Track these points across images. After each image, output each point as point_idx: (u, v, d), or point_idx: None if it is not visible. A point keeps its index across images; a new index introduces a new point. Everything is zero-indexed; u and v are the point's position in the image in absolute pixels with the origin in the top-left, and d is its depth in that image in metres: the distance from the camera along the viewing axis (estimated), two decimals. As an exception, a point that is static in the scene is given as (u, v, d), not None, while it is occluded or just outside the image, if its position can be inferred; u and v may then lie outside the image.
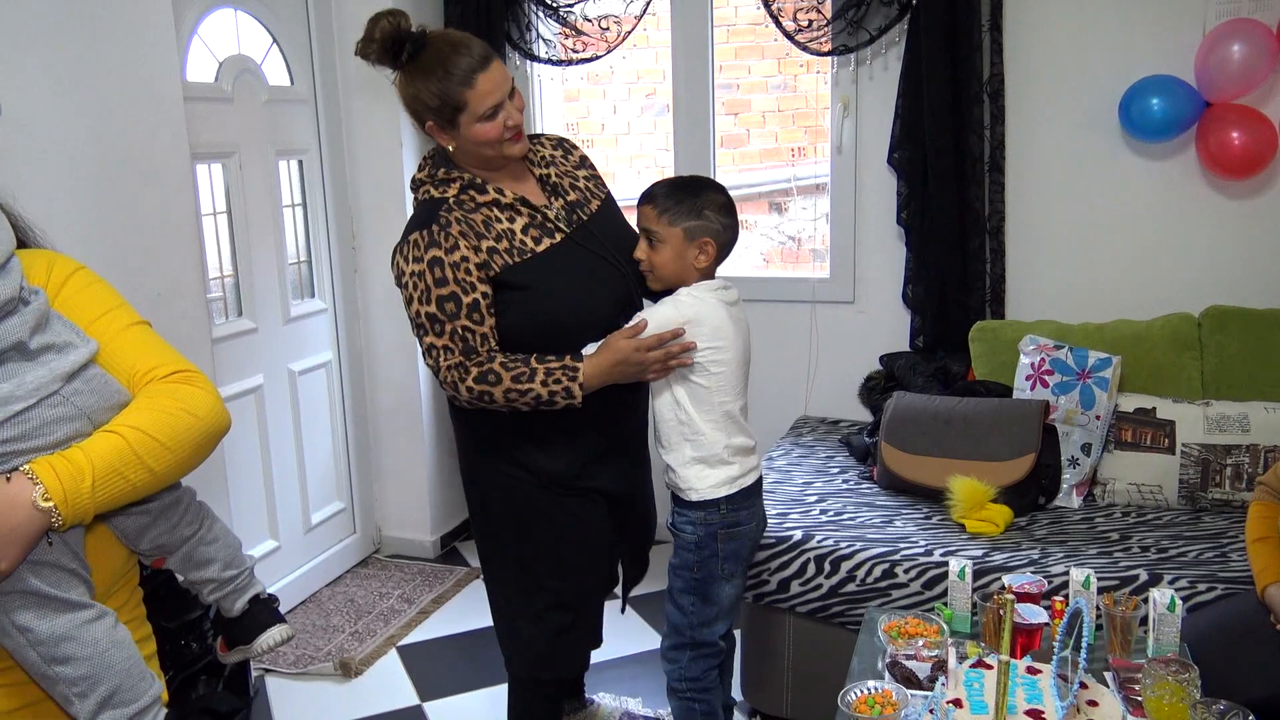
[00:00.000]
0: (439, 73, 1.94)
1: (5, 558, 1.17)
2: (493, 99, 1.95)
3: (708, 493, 2.09)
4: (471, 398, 1.98)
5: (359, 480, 3.82)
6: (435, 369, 2.00)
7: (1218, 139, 2.91)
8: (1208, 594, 2.27)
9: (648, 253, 2.06)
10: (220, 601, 1.60)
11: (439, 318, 1.96)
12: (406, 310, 2.02)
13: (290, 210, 3.45)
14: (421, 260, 1.96)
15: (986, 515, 2.62)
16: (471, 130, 1.97)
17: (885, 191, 3.41)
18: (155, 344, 1.40)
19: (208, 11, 3.02)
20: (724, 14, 4.05)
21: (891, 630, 1.92)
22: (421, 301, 1.96)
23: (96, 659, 1.27)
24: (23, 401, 1.19)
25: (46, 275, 1.34)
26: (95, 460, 1.21)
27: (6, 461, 1.19)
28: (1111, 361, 2.84)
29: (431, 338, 1.97)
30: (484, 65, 1.95)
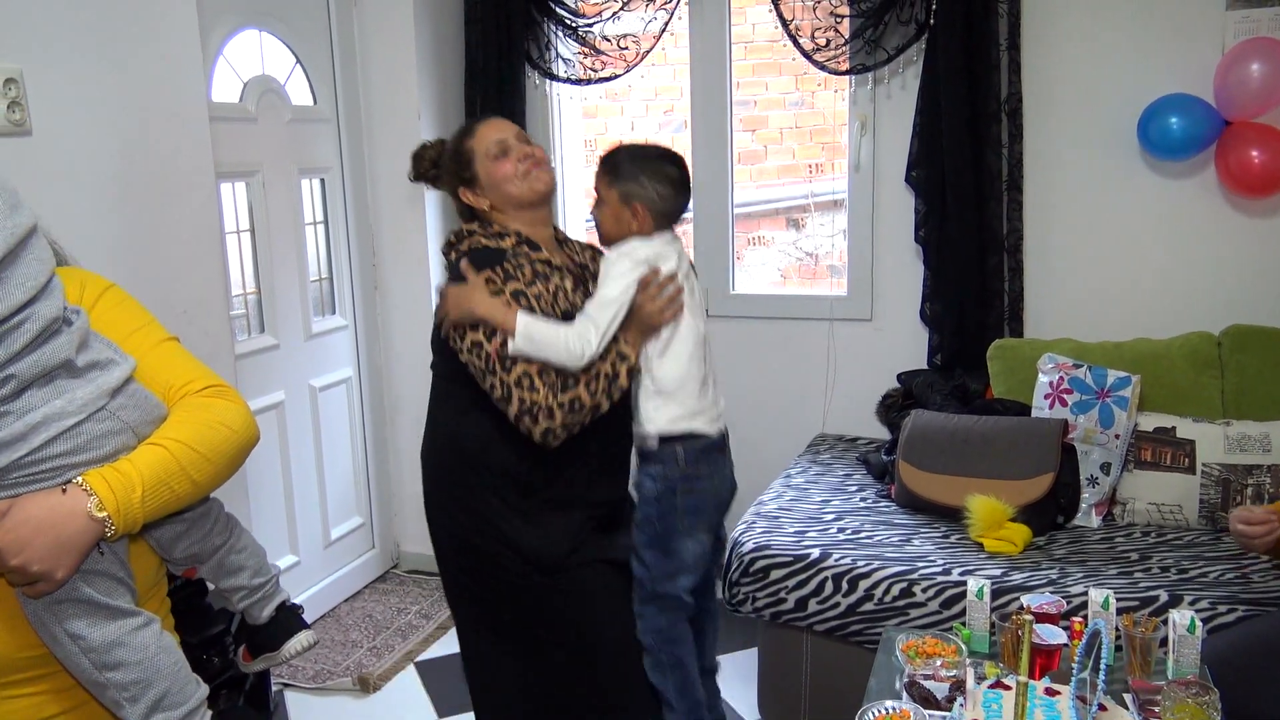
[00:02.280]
0: (452, 143, 2.11)
1: (62, 566, 1.21)
2: (495, 136, 2.05)
3: (665, 426, 2.04)
4: (564, 418, 1.91)
5: (378, 495, 3.85)
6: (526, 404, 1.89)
7: (1238, 158, 2.90)
8: (1228, 615, 2.26)
9: (593, 209, 2.11)
10: (249, 608, 1.63)
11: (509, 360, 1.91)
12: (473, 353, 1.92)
13: (312, 228, 3.49)
14: (502, 294, 1.94)
15: (1005, 534, 2.61)
16: (488, 172, 2.04)
17: (903, 209, 3.42)
18: (186, 359, 1.46)
19: (233, 33, 3.07)
20: (742, 31, 4.08)
21: (909, 650, 1.91)
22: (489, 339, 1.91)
23: (146, 663, 1.31)
24: (74, 417, 1.23)
25: (80, 293, 1.38)
26: (144, 472, 1.26)
27: (60, 474, 1.23)
28: (1131, 380, 2.83)
29: (521, 370, 1.90)
30: (482, 120, 2.11)
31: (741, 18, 4.15)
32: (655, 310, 2.00)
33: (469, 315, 1.93)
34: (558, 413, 1.91)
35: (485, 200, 2.07)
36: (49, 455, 1.22)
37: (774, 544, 2.64)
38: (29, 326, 1.17)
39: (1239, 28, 2.99)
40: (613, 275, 2.00)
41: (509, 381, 1.90)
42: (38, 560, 1.19)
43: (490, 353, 1.91)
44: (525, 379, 1.90)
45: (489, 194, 2.07)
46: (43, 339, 1.20)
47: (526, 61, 3.66)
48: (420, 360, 3.72)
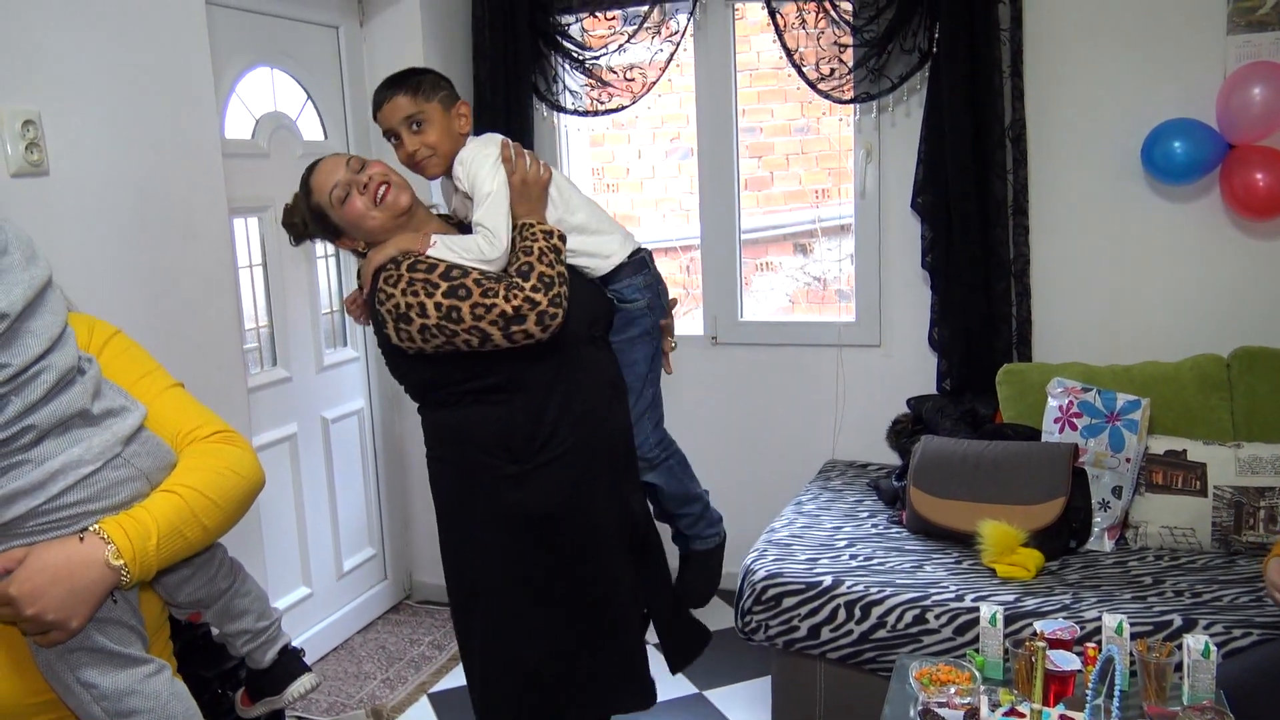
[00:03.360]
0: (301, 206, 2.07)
1: (77, 615, 1.21)
2: (330, 181, 1.98)
3: (627, 246, 2.14)
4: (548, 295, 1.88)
5: (390, 527, 3.86)
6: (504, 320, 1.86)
7: (1242, 180, 2.92)
8: (1243, 639, 2.25)
9: (418, 140, 2.05)
10: (253, 652, 1.63)
11: (456, 285, 1.87)
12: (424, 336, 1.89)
13: (323, 261, 3.52)
14: (400, 272, 1.90)
15: (1017, 560, 2.61)
16: (343, 217, 1.98)
17: (909, 235, 3.44)
18: (193, 405, 1.47)
19: (245, 71, 3.11)
20: (746, 59, 4.13)
21: (923, 677, 1.91)
22: (429, 294, 1.87)
23: (159, 710, 1.31)
24: (91, 465, 1.24)
25: (88, 339, 1.40)
26: (159, 519, 1.27)
27: (76, 522, 1.24)
28: (1140, 403, 2.84)
29: (468, 306, 1.85)
30: (312, 171, 2.03)
31: (746, 46, 4.20)
32: (535, 174, 2.02)
33: (383, 256, 1.93)
34: (537, 295, 1.87)
35: (358, 242, 2.03)
36: (66, 503, 1.23)
37: (786, 571, 2.64)
38: (46, 377, 1.19)
39: (1240, 52, 3.01)
40: (481, 175, 1.99)
41: (470, 325, 1.86)
42: (53, 609, 1.19)
43: (435, 321, 1.87)
44: (479, 307, 1.86)
45: (356, 235, 2.02)
46: (59, 389, 1.22)
47: (534, 94, 3.70)
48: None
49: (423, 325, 1.88)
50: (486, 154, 2.01)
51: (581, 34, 3.73)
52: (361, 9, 3.57)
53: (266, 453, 3.17)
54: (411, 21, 3.53)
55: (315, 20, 3.39)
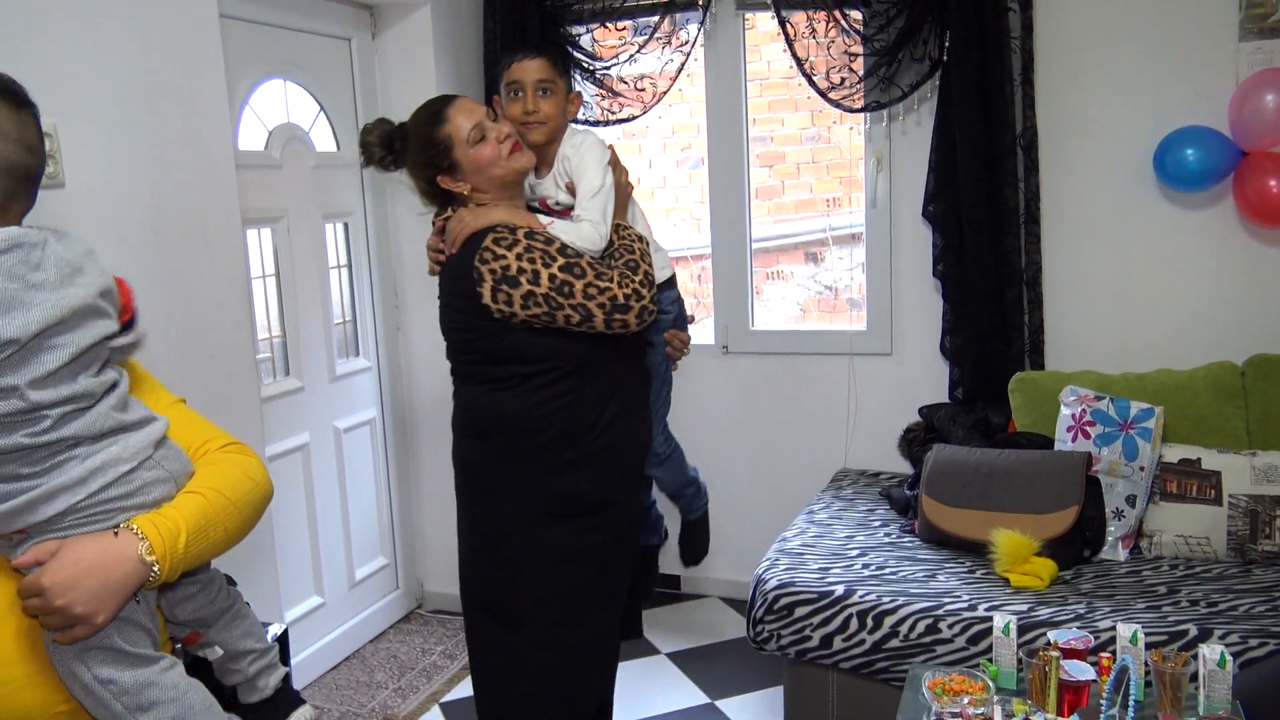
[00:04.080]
0: (417, 133, 2.07)
1: (104, 610, 1.22)
2: (470, 121, 2.02)
3: (666, 268, 2.41)
4: (650, 293, 2.00)
5: (402, 536, 3.86)
6: (611, 306, 1.94)
7: (1256, 188, 2.91)
8: (1259, 649, 2.23)
9: (540, 103, 2.14)
10: (258, 676, 1.58)
11: (573, 262, 1.94)
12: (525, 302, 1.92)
13: (336, 271, 3.54)
14: (517, 238, 1.94)
15: (1031, 569, 2.59)
16: (470, 159, 2.01)
17: (921, 244, 3.43)
18: (200, 419, 1.50)
19: (259, 83, 3.13)
20: (757, 68, 4.12)
21: (936, 687, 1.90)
22: (546, 264, 1.92)
23: (180, 700, 1.32)
24: (128, 464, 1.26)
25: None
26: (187, 518, 1.29)
27: (110, 518, 1.26)
28: (1154, 412, 2.82)
29: (581, 285, 1.93)
30: (449, 103, 2.06)
31: (757, 55, 4.19)
32: (625, 183, 2.18)
33: (483, 221, 1.98)
34: (644, 290, 1.99)
35: (466, 185, 2.05)
36: (104, 499, 1.25)
37: (798, 581, 2.63)
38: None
39: (1252, 59, 3.00)
40: (588, 168, 2.10)
41: (579, 302, 1.93)
42: (82, 602, 1.20)
43: (545, 291, 1.92)
44: (591, 288, 1.93)
45: (470, 178, 2.04)
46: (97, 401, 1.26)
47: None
48: (443, 400, 3.76)
49: (529, 291, 1.92)
50: (600, 151, 2.14)
51: (592, 44, 3.75)
52: (374, 21, 3.60)
53: (279, 462, 3.18)
54: (423, 34, 3.55)
55: (328, 33, 3.42)
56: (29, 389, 1.17)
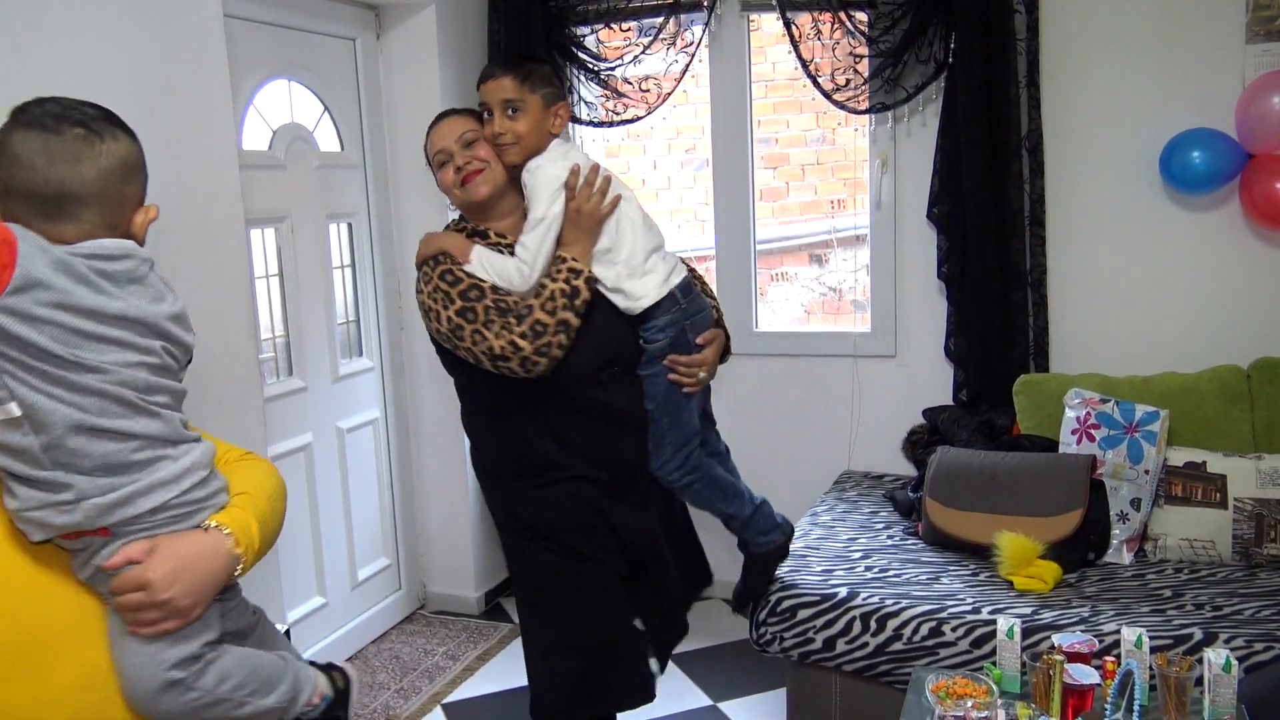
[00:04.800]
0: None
1: (200, 604, 1.27)
2: (439, 144, 2.10)
3: (655, 293, 2.11)
4: (534, 344, 1.97)
5: (405, 536, 3.86)
6: (490, 355, 1.98)
7: (1262, 190, 2.90)
8: (1265, 654, 2.22)
9: (508, 124, 2.06)
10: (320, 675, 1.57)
11: (469, 306, 2.00)
12: (439, 337, 2.06)
13: (339, 271, 3.53)
14: (432, 275, 2.05)
15: (1035, 572, 2.59)
16: (436, 178, 2.14)
17: (925, 246, 3.43)
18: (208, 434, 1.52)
19: (263, 83, 3.13)
20: (762, 70, 4.12)
21: (940, 690, 1.90)
22: (445, 305, 2.01)
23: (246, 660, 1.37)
24: (204, 469, 1.31)
25: None
26: (253, 515, 1.35)
27: (191, 518, 1.29)
28: (1159, 415, 2.81)
29: (469, 330, 1.99)
30: (438, 121, 2.13)
31: (761, 57, 4.19)
32: (593, 208, 2.06)
33: (433, 248, 2.07)
34: (523, 343, 1.96)
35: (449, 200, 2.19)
36: (191, 499, 1.29)
37: (801, 583, 2.62)
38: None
39: (1259, 61, 2.99)
40: (537, 197, 2.05)
41: (468, 346, 2.01)
42: (183, 595, 1.24)
43: (445, 331, 2.02)
44: (476, 335, 1.99)
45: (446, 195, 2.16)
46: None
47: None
48: (446, 400, 3.77)
49: (438, 329, 2.05)
50: (552, 175, 2.05)
51: (597, 45, 3.74)
52: (378, 22, 3.60)
53: (282, 463, 3.18)
54: (428, 34, 3.55)
55: (332, 33, 3.42)
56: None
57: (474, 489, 3.83)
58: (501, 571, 3.98)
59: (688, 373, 2.16)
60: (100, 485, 1.21)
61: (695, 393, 2.20)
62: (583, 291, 2.02)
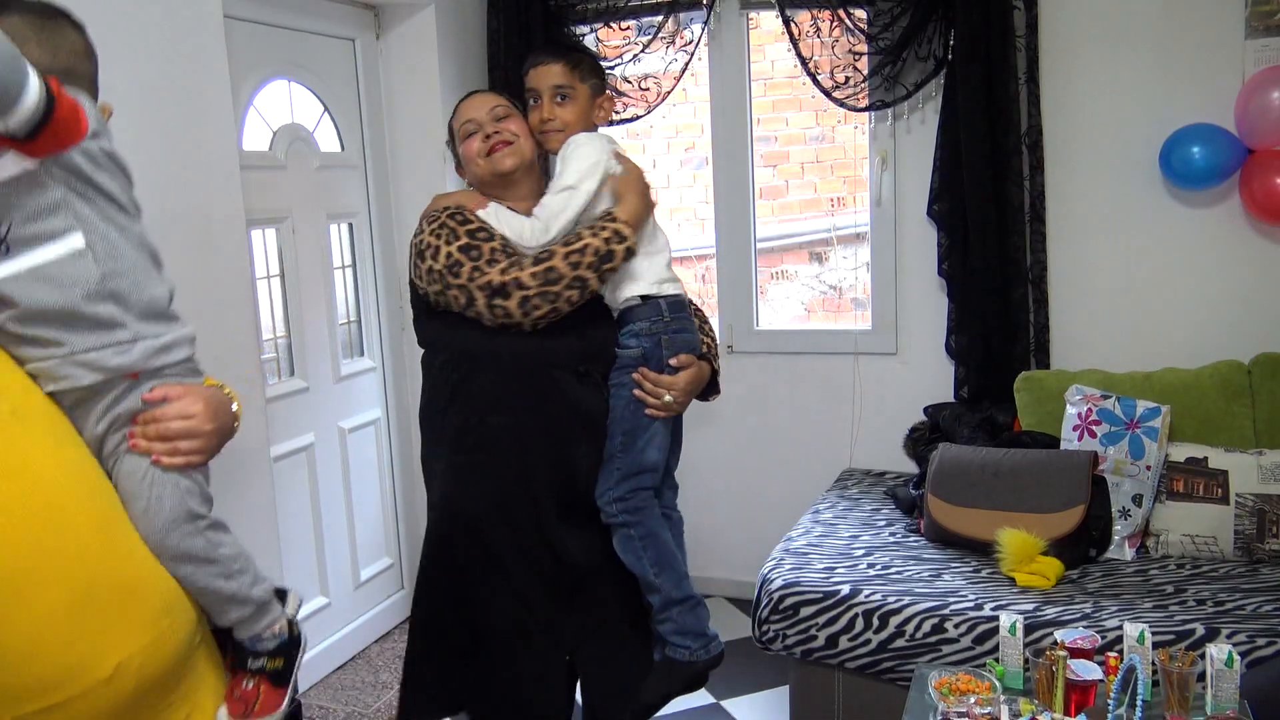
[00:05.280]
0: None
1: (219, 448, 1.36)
2: (468, 114, 2.07)
3: (649, 286, 2.05)
4: (539, 286, 1.88)
5: (407, 536, 3.86)
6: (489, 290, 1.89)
7: (1262, 185, 2.90)
8: (1267, 649, 2.22)
9: (556, 110, 2.04)
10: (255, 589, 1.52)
11: (474, 244, 1.92)
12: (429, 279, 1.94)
13: (340, 272, 3.54)
14: (440, 217, 1.98)
15: (1037, 568, 2.59)
16: (461, 151, 2.10)
17: (925, 243, 3.43)
18: None
19: (263, 83, 3.14)
20: (761, 68, 4.12)
21: (942, 687, 1.90)
22: (448, 241, 1.93)
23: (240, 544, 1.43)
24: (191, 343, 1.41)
25: None
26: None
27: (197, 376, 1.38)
28: (1160, 411, 2.81)
29: (469, 266, 1.90)
30: (467, 96, 2.13)
31: (761, 55, 4.19)
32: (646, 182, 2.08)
33: (440, 205, 2.03)
34: (530, 281, 1.89)
35: (465, 175, 2.14)
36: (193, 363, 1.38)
37: (803, 581, 2.63)
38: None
39: (1259, 56, 2.99)
40: (570, 166, 2.00)
41: (463, 283, 1.91)
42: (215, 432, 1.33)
43: (439, 268, 1.93)
44: (476, 271, 1.91)
45: (465, 170, 2.12)
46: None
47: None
48: (448, 400, 3.77)
49: (430, 268, 1.96)
50: (592, 152, 2.02)
51: (596, 44, 3.74)
52: (378, 22, 3.60)
53: (283, 463, 3.18)
54: (428, 34, 3.55)
55: (332, 33, 3.42)
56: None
57: (476, 488, 3.83)
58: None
59: (652, 391, 2.03)
60: (147, 329, 1.29)
61: (658, 418, 2.05)
62: (617, 257, 1.95)
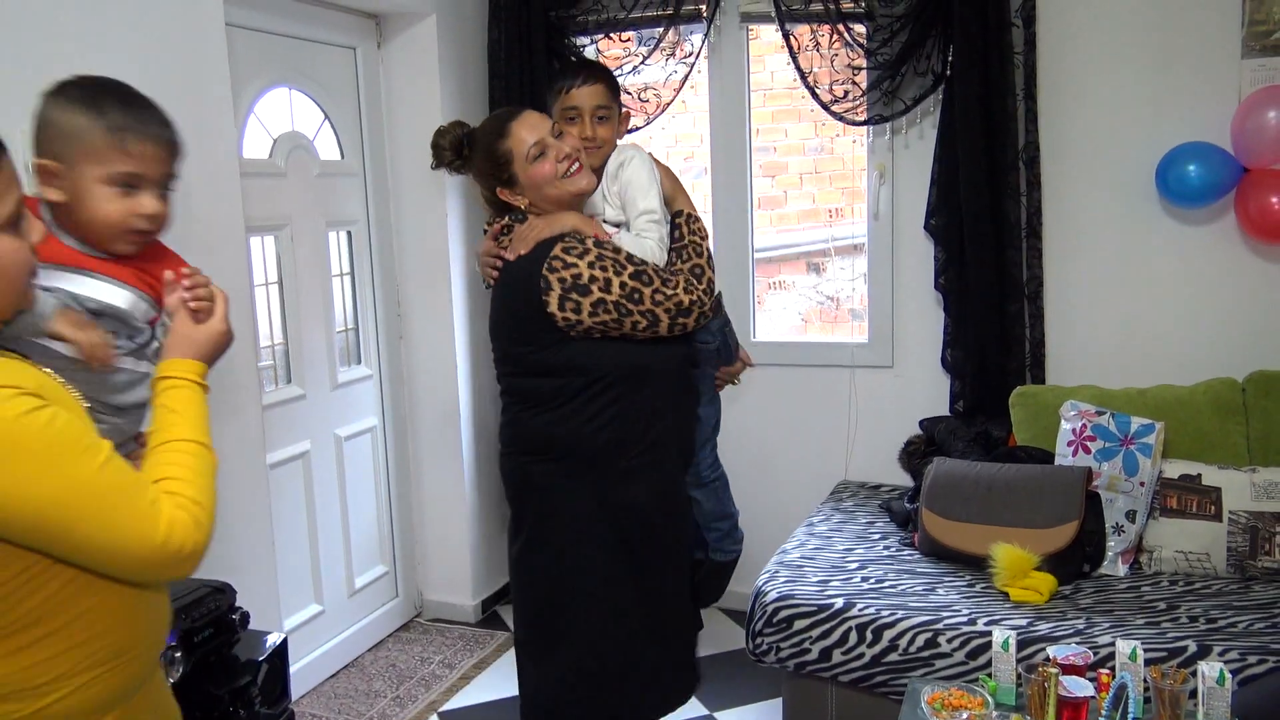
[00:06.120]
0: (483, 141, 2.09)
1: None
2: (532, 137, 2.04)
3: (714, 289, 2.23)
4: (710, 300, 2.08)
5: (402, 544, 3.86)
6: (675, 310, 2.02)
7: (1257, 204, 2.91)
8: (1259, 666, 2.23)
9: (597, 130, 2.16)
10: None
11: (641, 270, 2.01)
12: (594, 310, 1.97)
13: (339, 280, 3.54)
14: (587, 247, 2.00)
15: (1030, 584, 2.59)
16: (528, 175, 2.05)
17: (922, 256, 3.44)
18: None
19: (264, 91, 3.14)
20: (760, 79, 4.14)
21: (935, 702, 1.91)
22: (617, 272, 1.99)
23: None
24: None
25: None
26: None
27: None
28: (1154, 427, 2.82)
29: (649, 291, 2.01)
30: (514, 116, 2.08)
31: (760, 66, 4.21)
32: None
33: (556, 229, 2.02)
34: (706, 299, 2.07)
35: (523, 199, 2.10)
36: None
37: (797, 593, 2.63)
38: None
39: (1255, 75, 3.01)
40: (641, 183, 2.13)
41: (648, 308, 2.00)
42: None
43: (616, 298, 1.98)
44: (658, 295, 2.00)
45: (528, 193, 2.09)
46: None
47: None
48: (444, 410, 3.78)
49: (600, 299, 1.97)
50: (643, 165, 2.15)
51: (597, 55, 3.76)
52: (379, 31, 3.61)
53: (280, 470, 3.18)
54: (428, 44, 3.56)
55: (333, 42, 3.43)
56: None
57: (471, 497, 3.83)
58: (498, 579, 3.98)
59: (730, 378, 2.43)
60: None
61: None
62: (705, 235, 2.15)
